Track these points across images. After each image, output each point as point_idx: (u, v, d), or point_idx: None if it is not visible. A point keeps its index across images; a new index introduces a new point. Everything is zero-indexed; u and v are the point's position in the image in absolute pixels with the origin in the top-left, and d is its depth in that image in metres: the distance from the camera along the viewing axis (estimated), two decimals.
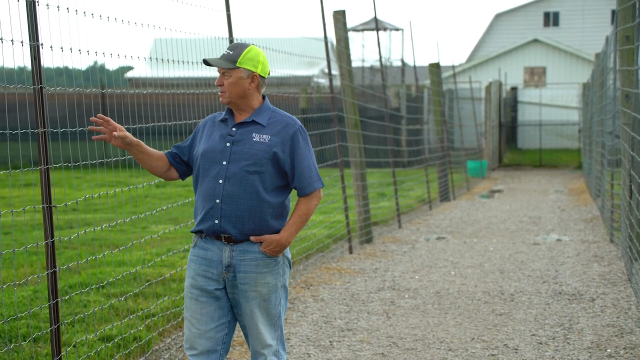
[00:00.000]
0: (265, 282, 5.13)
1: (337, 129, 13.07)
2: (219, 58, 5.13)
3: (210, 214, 5.08)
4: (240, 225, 5.07)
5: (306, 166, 5.18)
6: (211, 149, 5.13)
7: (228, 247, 5.10)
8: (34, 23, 5.74)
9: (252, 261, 5.10)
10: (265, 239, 5.11)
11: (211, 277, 5.14)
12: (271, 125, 5.17)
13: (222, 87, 5.12)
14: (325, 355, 7.56)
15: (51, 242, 5.80)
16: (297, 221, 5.19)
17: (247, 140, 5.11)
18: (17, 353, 6.89)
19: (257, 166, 5.06)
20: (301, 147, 5.17)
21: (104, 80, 12.86)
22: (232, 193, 5.05)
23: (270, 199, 5.11)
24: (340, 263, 12.04)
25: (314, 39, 13.27)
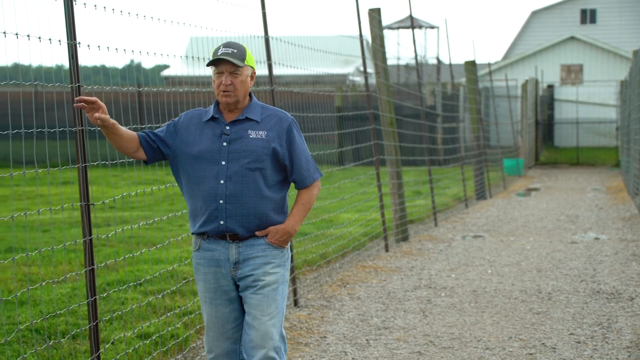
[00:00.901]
0: (273, 272, 5.12)
1: (373, 127, 13.04)
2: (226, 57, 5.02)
3: (214, 215, 5.05)
4: (246, 223, 5.06)
5: (304, 158, 5.18)
6: (206, 149, 5.06)
7: (234, 245, 5.09)
8: (71, 22, 5.76)
9: (260, 252, 5.10)
10: (271, 230, 5.11)
11: (221, 278, 5.12)
12: (265, 120, 5.13)
13: (230, 86, 5.04)
14: (362, 353, 7.54)
15: (89, 240, 5.83)
16: (301, 209, 5.20)
17: (244, 137, 5.06)
18: (56, 350, 6.93)
19: (258, 162, 5.04)
20: (297, 139, 5.16)
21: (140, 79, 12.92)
22: (236, 192, 5.02)
23: (273, 194, 5.11)
24: (376, 261, 12.02)
25: (349, 37, 13.25)
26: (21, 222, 14.15)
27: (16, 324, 7.71)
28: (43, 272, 9.96)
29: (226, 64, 5.03)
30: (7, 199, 18.21)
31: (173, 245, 11.35)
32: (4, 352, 6.91)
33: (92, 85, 6.42)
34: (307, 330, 8.21)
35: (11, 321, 7.93)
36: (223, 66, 5.04)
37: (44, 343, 7.16)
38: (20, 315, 8.01)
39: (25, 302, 8.51)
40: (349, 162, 14.31)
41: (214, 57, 5.03)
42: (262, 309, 5.09)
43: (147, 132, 5.17)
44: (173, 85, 8.77)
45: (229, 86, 5.03)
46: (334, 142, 14.47)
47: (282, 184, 5.19)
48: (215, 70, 5.07)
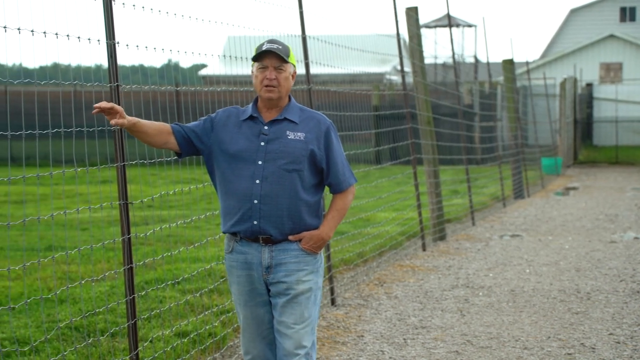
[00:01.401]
0: (306, 280, 5.05)
1: (410, 126, 13.01)
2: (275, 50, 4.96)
3: (248, 215, 4.97)
4: (280, 225, 4.98)
5: (340, 162, 5.12)
6: (244, 148, 4.99)
7: (267, 248, 5.01)
8: (110, 21, 5.80)
9: (293, 259, 5.03)
10: (305, 236, 5.04)
11: (254, 281, 5.06)
12: (304, 122, 5.07)
13: (274, 81, 4.98)
14: (399, 352, 7.53)
15: (128, 239, 5.86)
16: (336, 216, 5.13)
17: (282, 138, 5.00)
18: (95, 348, 6.97)
19: (296, 164, 4.97)
20: (334, 143, 5.11)
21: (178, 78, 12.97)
22: (271, 193, 4.94)
23: (308, 197, 5.04)
24: (413, 260, 12.00)
25: (387, 36, 13.23)
26: (61, 221, 14.26)
27: (56, 321, 7.77)
28: (82, 271, 10.03)
29: (272, 58, 4.97)
30: (47, 198, 18.36)
31: (211, 244, 11.39)
32: (44, 350, 6.97)
33: (130, 85, 6.45)
34: (345, 329, 8.21)
35: (51, 319, 7.99)
36: (268, 60, 4.98)
37: (83, 341, 7.21)
38: (60, 313, 8.08)
39: (64, 300, 8.57)
40: (386, 161, 14.29)
41: (260, 51, 4.96)
42: (295, 318, 5.03)
43: (182, 126, 5.11)
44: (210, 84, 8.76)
45: (272, 81, 4.97)
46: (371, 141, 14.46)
47: (318, 188, 5.12)
48: (259, 65, 5.00)
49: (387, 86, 32.53)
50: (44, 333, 7.22)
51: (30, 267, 10.12)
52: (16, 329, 7.61)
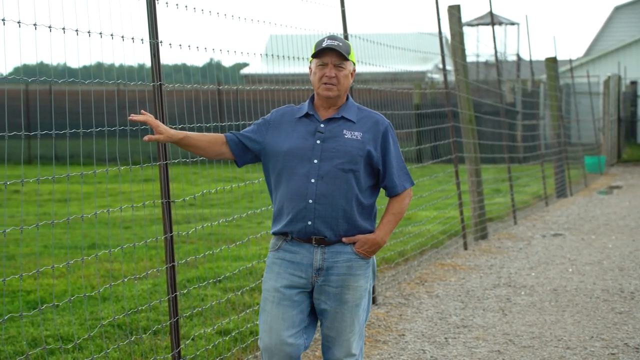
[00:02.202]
0: (357, 286, 4.92)
1: (452, 125, 12.97)
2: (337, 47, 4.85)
3: (302, 215, 4.83)
4: (334, 225, 4.85)
5: (397, 165, 4.98)
6: (299, 146, 4.87)
7: (319, 250, 4.87)
8: (153, 21, 5.84)
9: (345, 263, 4.89)
10: (359, 239, 4.90)
11: (298, 282, 4.89)
12: (361, 121, 4.95)
13: (334, 79, 4.86)
14: (440, 351, 7.51)
15: (170, 237, 5.90)
16: (392, 220, 4.98)
17: (338, 137, 4.87)
18: (137, 345, 7.02)
19: (352, 164, 4.84)
20: (392, 144, 4.97)
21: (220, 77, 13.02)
22: (327, 192, 4.81)
23: (364, 198, 4.91)
24: (455, 259, 11.96)
25: (428, 34, 13.20)
26: (104, 219, 14.37)
27: (99, 319, 7.84)
28: (125, 269, 10.11)
29: (332, 56, 4.85)
30: (91, 196, 18.51)
31: (252, 242, 11.42)
32: (87, 347, 7.03)
33: (173, 84, 6.49)
34: (386, 328, 8.21)
35: (94, 316, 8.06)
36: (328, 57, 4.85)
37: (125, 338, 7.26)
38: (103, 310, 8.14)
39: (107, 297, 8.64)
40: (427, 160, 14.26)
41: (320, 48, 4.85)
42: (345, 324, 4.91)
43: (236, 134, 5.01)
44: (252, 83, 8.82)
45: (332, 79, 4.85)
46: (412, 139, 14.43)
47: (373, 190, 4.99)
48: (319, 62, 4.88)
49: (429, 85, 32.45)
50: (87, 330, 7.29)
51: (74, 265, 10.21)
52: (60, 326, 7.69)
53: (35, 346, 7.11)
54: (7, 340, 7.32)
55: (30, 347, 7.08)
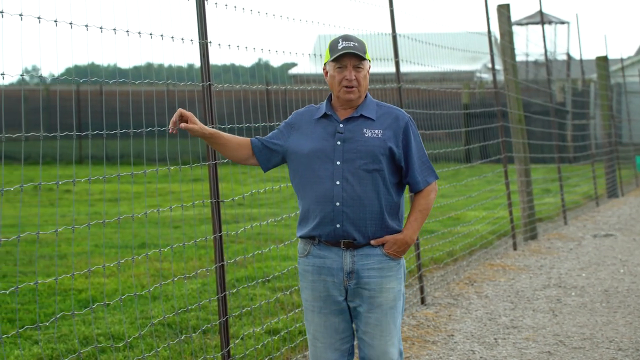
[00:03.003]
0: (390, 288, 4.81)
1: (501, 125, 12.90)
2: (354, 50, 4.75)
3: (329, 218, 4.74)
4: (363, 227, 4.74)
5: (419, 159, 4.86)
6: (319, 148, 4.78)
7: (348, 253, 4.77)
8: (203, 21, 5.87)
9: (376, 265, 4.78)
10: (388, 240, 4.79)
11: (332, 287, 4.81)
12: (381, 118, 4.83)
13: (354, 81, 4.76)
14: (490, 352, 7.47)
15: (219, 236, 5.92)
16: (419, 217, 4.86)
17: (358, 136, 4.76)
18: (187, 344, 7.06)
19: (375, 164, 4.73)
20: (413, 139, 4.84)
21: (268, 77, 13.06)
22: (353, 194, 4.71)
23: (390, 197, 4.79)
24: (504, 259, 11.89)
25: (477, 33, 13.14)
26: (154, 219, 14.47)
27: (149, 318, 7.89)
28: (175, 268, 10.17)
29: (350, 58, 4.75)
30: (141, 196, 18.65)
31: None
32: (138, 346, 7.08)
33: (222, 84, 6.52)
34: (435, 329, 8.18)
35: (144, 315, 8.12)
36: (347, 59, 4.75)
37: (175, 337, 7.30)
38: (153, 309, 8.20)
39: (157, 297, 8.70)
40: (476, 160, 14.19)
41: (338, 52, 4.75)
42: (381, 328, 4.81)
43: (260, 139, 4.95)
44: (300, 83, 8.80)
45: (352, 81, 4.75)
46: (461, 139, 14.37)
47: (399, 187, 4.88)
48: (336, 65, 4.78)
49: (478, 84, 32.29)
50: (137, 329, 7.34)
51: (124, 264, 10.29)
52: (111, 324, 7.75)
53: (86, 344, 7.18)
54: (60, 338, 7.40)
55: (82, 345, 7.15)
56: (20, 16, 4.69)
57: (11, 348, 7.16)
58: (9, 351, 7.07)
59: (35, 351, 6.97)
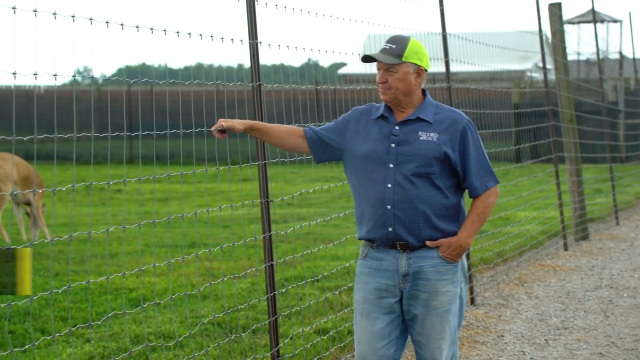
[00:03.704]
0: (446, 291, 4.76)
1: (552, 124, 12.81)
2: (380, 53, 4.74)
3: (382, 221, 4.72)
4: (415, 231, 4.71)
5: (477, 164, 4.78)
6: (374, 150, 4.75)
7: (404, 255, 4.74)
8: (253, 21, 5.89)
9: (432, 267, 4.74)
10: (443, 243, 4.74)
11: (386, 290, 4.78)
12: (438, 121, 4.76)
13: (386, 84, 4.72)
14: (540, 353, 7.42)
15: (268, 236, 5.94)
16: (475, 221, 4.78)
17: (413, 140, 4.72)
18: (237, 343, 7.09)
19: (428, 167, 4.68)
20: (471, 144, 4.76)
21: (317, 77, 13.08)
22: (405, 198, 4.68)
23: (445, 200, 4.73)
24: (554, 260, 11.80)
25: (528, 32, 13.06)
26: (203, 218, 14.55)
27: (199, 317, 7.93)
28: (224, 267, 10.21)
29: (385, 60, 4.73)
30: (190, 196, 18.76)
31: (350, 242, 11.43)
32: (188, 345, 7.12)
33: (271, 84, 6.54)
34: (484, 329, 8.14)
35: (194, 314, 8.16)
36: (379, 62, 4.75)
37: (225, 337, 7.33)
38: (203, 309, 8.24)
39: (207, 296, 8.74)
40: (527, 160, 14.10)
41: (365, 54, 4.78)
42: (436, 331, 4.78)
43: (314, 130, 4.95)
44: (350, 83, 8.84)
45: (384, 84, 4.73)
46: (511, 139, 14.29)
47: (456, 189, 4.82)
48: (377, 66, 4.79)
49: (528, 83, 32.08)
50: (188, 328, 7.38)
51: (174, 263, 10.35)
52: (161, 323, 7.81)
53: (137, 343, 7.24)
54: (111, 337, 7.47)
55: (133, 344, 7.20)
56: (73, 18, 4.74)
57: (64, 346, 7.24)
58: (61, 349, 7.15)
59: (87, 349, 7.04)
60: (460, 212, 4.84)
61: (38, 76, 4.51)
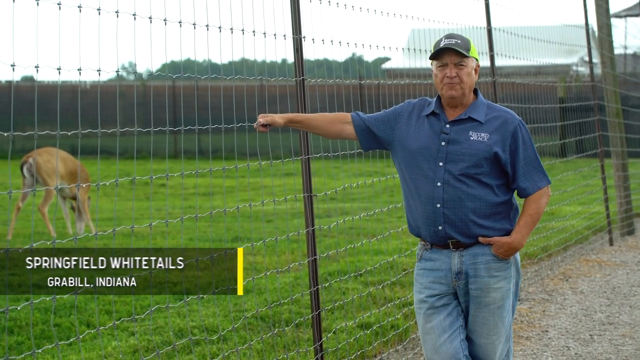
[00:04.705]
0: (498, 287, 4.77)
1: (598, 118, 12.69)
2: (454, 46, 4.71)
3: (431, 219, 4.75)
4: (465, 229, 4.72)
5: (528, 164, 4.76)
6: (424, 147, 4.75)
7: (457, 253, 4.77)
8: (297, 16, 5.89)
9: (483, 264, 4.75)
10: (495, 242, 4.74)
11: (439, 288, 4.81)
12: (489, 122, 4.74)
13: (455, 78, 4.71)
14: (585, 348, 7.36)
15: (312, 230, 5.94)
16: (528, 222, 4.76)
17: (464, 139, 4.71)
18: (280, 337, 7.10)
19: (477, 167, 4.68)
20: (522, 144, 4.74)
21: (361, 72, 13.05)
22: (454, 197, 4.69)
23: (495, 198, 4.72)
24: (600, 255, 11.70)
25: (574, 26, 12.94)
26: (246, 213, 14.58)
27: (242, 311, 7.95)
28: (267, 262, 10.23)
29: (451, 55, 4.71)
30: (233, 190, 18.82)
31: (393, 236, 11.41)
32: (232, 339, 7.15)
33: (315, 79, 6.53)
34: (528, 324, 8.09)
35: (238, 309, 8.18)
36: (447, 57, 4.72)
37: (268, 331, 7.35)
38: (247, 303, 8.26)
39: (250, 290, 8.76)
40: (572, 154, 13.98)
41: (438, 48, 4.74)
42: (487, 327, 4.80)
43: (362, 118, 4.95)
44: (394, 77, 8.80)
45: (454, 78, 4.70)
46: (556, 133, 14.18)
47: (507, 188, 4.80)
48: (438, 63, 4.76)
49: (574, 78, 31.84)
50: (231, 322, 7.41)
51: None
52: (205, 317, 7.84)
53: (181, 336, 7.27)
54: (155, 330, 7.51)
55: (177, 338, 7.24)
56: (117, 13, 4.77)
57: (108, 339, 7.29)
58: (106, 342, 7.20)
59: (131, 343, 7.09)
60: (512, 209, 4.83)
61: (83, 72, 4.56)
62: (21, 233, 13.44)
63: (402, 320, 7.62)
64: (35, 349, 4.57)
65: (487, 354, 4.86)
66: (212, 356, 6.77)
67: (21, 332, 7.52)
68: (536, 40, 10.97)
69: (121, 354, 6.79)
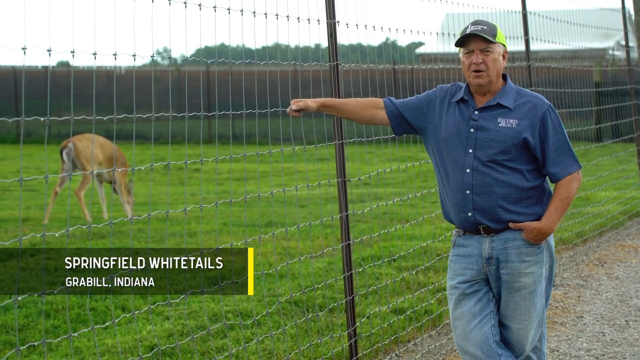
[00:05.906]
0: (529, 272, 4.76)
1: (634, 103, 12.59)
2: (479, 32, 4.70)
3: (461, 206, 4.77)
4: (494, 215, 4.72)
5: (559, 149, 4.74)
6: (454, 133, 4.77)
7: (488, 239, 4.78)
8: (330, 1, 5.88)
9: (514, 249, 4.74)
10: (526, 227, 4.73)
11: (470, 274, 4.82)
12: (518, 107, 4.74)
13: (482, 65, 4.71)
14: (620, 334, 7.33)
15: (345, 216, 5.94)
16: (559, 207, 4.74)
17: (492, 126, 4.71)
18: (314, 322, 7.12)
19: (507, 154, 4.68)
20: (551, 129, 4.73)
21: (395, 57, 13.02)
22: (483, 183, 4.70)
23: (525, 183, 4.72)
24: (635, 240, 11.62)
25: (610, 9, 12.84)
26: (280, 198, 14.61)
27: (276, 296, 7.98)
28: (301, 247, 10.25)
29: (476, 41, 4.71)
30: (267, 175, 18.86)
31: (426, 221, 11.39)
32: (266, 323, 7.17)
33: (349, 63, 6.53)
34: (563, 310, 8.06)
35: (272, 293, 8.21)
36: (473, 44, 4.72)
37: (302, 315, 7.37)
38: (280, 287, 8.28)
39: (284, 275, 8.78)
40: (608, 139, 13.90)
41: (463, 35, 4.74)
42: (520, 312, 4.80)
43: (394, 103, 4.96)
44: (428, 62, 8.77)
45: (480, 65, 4.70)
46: (592, 118, 14.09)
47: (537, 172, 4.79)
48: (465, 50, 4.76)
49: (610, 62, 31.59)
50: (265, 307, 7.43)
51: (251, 242, 10.40)
52: (239, 302, 7.87)
53: (215, 321, 7.31)
54: (190, 314, 7.55)
55: (211, 322, 7.27)
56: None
57: (143, 323, 7.34)
58: (141, 326, 7.25)
59: (166, 327, 7.13)
60: (545, 193, 4.83)
61: (118, 57, 4.57)
62: (57, 217, 13.55)
63: (436, 306, 7.62)
64: (72, 333, 4.61)
65: (519, 339, 4.86)
66: (247, 340, 6.80)
67: (57, 315, 7.59)
68: (572, 24, 10.89)
69: (156, 337, 6.83)
